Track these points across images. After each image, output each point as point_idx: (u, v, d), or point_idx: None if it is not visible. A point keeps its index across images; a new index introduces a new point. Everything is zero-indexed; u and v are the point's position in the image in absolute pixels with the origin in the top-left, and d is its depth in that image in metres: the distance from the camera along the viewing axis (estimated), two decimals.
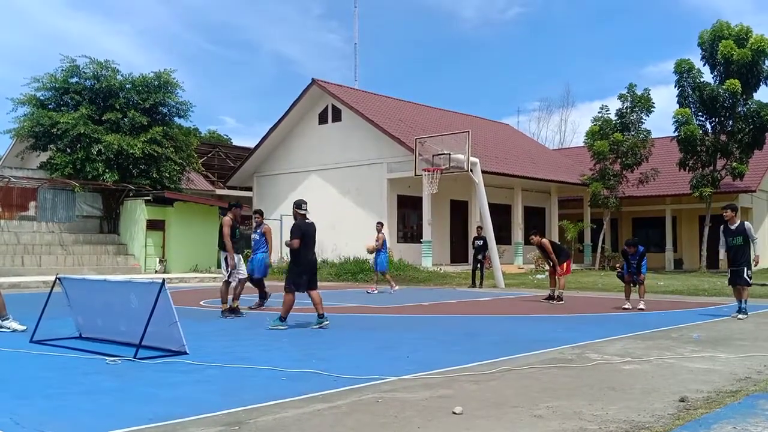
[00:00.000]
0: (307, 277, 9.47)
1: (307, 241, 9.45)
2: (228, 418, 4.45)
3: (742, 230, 10.98)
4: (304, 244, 9.38)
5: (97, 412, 4.65)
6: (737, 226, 11.01)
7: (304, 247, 9.38)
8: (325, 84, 28.51)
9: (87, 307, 8.09)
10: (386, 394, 5.22)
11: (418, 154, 22.86)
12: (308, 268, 9.49)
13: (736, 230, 11.00)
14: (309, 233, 9.52)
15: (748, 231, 10.98)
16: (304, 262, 9.44)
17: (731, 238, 11.01)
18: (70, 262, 23.43)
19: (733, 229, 11.01)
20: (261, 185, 31.10)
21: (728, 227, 11.06)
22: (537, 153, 35.10)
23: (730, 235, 11.03)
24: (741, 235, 10.94)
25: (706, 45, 26.97)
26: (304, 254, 9.42)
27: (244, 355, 7.00)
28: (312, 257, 9.55)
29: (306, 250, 9.43)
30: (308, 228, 9.54)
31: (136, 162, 25.99)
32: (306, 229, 9.48)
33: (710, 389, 5.42)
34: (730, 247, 11.06)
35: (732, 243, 11.00)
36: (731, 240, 11.01)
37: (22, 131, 25.85)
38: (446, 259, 27.89)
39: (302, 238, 9.34)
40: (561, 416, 4.54)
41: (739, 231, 10.98)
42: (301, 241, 9.32)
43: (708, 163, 27.71)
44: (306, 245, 9.41)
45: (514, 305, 14.31)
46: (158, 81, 26.72)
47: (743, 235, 10.93)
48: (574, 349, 7.55)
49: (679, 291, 17.38)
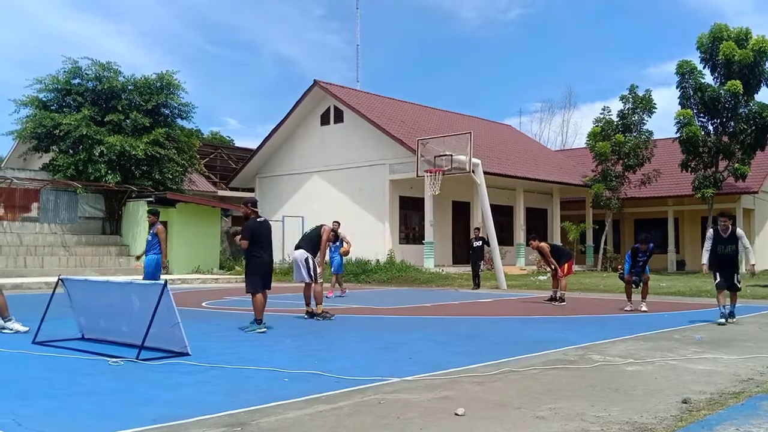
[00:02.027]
0: (261, 277, 9.14)
1: (259, 240, 9.15)
2: (230, 419, 4.45)
3: (735, 238, 10.58)
4: (257, 244, 9.11)
5: (99, 413, 4.65)
6: (730, 233, 10.61)
7: (257, 248, 9.11)
8: (327, 85, 28.53)
9: (89, 308, 8.10)
10: (388, 395, 5.22)
11: (420, 155, 22.87)
12: (262, 269, 9.16)
13: (729, 237, 10.58)
14: (260, 233, 9.21)
15: (741, 239, 10.61)
16: (258, 262, 9.13)
17: (723, 246, 10.60)
18: (72, 263, 23.46)
19: (726, 236, 10.60)
20: (263, 186, 31.13)
21: (720, 234, 10.65)
22: (539, 154, 35.09)
23: (722, 243, 10.62)
24: (733, 243, 10.56)
25: (705, 47, 26.94)
26: (257, 255, 9.12)
27: (246, 356, 7.00)
28: (266, 257, 9.23)
29: (259, 251, 9.14)
30: (259, 227, 9.24)
31: (139, 163, 26.03)
32: (256, 228, 9.19)
33: (713, 390, 5.41)
34: (720, 255, 10.62)
35: (724, 251, 10.58)
36: (723, 248, 10.60)
37: (25, 133, 25.89)
38: (448, 260, 27.89)
39: (252, 238, 9.07)
40: (563, 417, 4.54)
41: (732, 239, 10.57)
42: (251, 241, 9.06)
43: (710, 164, 27.67)
44: (259, 245, 9.13)
45: (516, 306, 14.30)
46: (160, 82, 26.77)
47: (737, 243, 10.57)
48: (577, 351, 7.54)
49: (682, 292, 17.35)
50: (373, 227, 26.06)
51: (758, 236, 32.21)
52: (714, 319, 10.62)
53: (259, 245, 9.14)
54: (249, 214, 9.39)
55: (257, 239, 9.15)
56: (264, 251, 9.21)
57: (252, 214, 9.35)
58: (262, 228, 9.30)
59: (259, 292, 9.10)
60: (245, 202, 9.57)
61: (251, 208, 9.41)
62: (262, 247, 9.20)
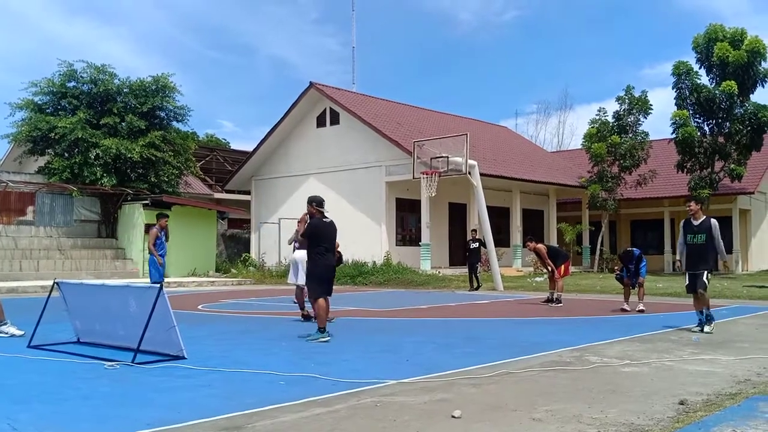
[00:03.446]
0: (326, 282, 8.69)
1: (324, 240, 8.62)
2: (226, 423, 4.44)
3: (707, 227, 9.41)
4: (322, 243, 8.59)
5: (95, 417, 4.63)
6: (701, 222, 9.48)
7: (322, 248, 8.60)
8: (323, 87, 28.52)
9: (85, 312, 8.07)
10: (385, 397, 5.21)
11: (416, 157, 22.87)
12: (327, 272, 8.70)
13: (699, 227, 9.44)
14: (326, 232, 8.68)
15: (713, 229, 9.41)
16: (322, 263, 8.63)
17: (692, 235, 9.48)
18: (68, 267, 23.40)
19: (697, 225, 9.48)
20: (259, 189, 31.09)
21: (690, 222, 9.56)
22: (535, 155, 35.12)
23: (691, 232, 9.49)
24: (705, 232, 9.38)
25: (700, 48, 27.02)
26: (322, 254, 8.62)
27: (242, 360, 6.98)
28: (332, 259, 8.77)
29: (324, 251, 8.61)
30: (325, 227, 8.70)
31: (134, 166, 26.00)
32: (321, 227, 8.67)
33: (710, 392, 5.42)
34: (689, 245, 9.52)
35: (692, 240, 9.46)
36: (691, 237, 9.48)
37: (20, 136, 25.83)
38: (445, 262, 27.88)
39: (315, 237, 8.61)
40: (560, 419, 4.53)
41: (703, 228, 9.42)
42: (316, 241, 8.60)
43: (706, 164, 27.73)
44: (324, 246, 8.61)
45: (512, 308, 14.30)
46: (156, 85, 26.74)
47: (707, 233, 9.37)
48: (573, 352, 7.54)
49: (678, 293, 17.36)
50: (370, 229, 26.04)
51: (755, 237, 32.29)
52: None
53: (324, 245, 8.62)
54: (314, 214, 8.91)
55: (322, 238, 8.62)
56: (330, 252, 8.72)
57: (317, 214, 8.87)
58: (329, 228, 8.77)
59: (322, 297, 8.64)
60: (310, 201, 9.00)
61: (316, 207, 8.90)
62: (327, 248, 8.67)
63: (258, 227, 30.19)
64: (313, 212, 8.91)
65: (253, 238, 30.77)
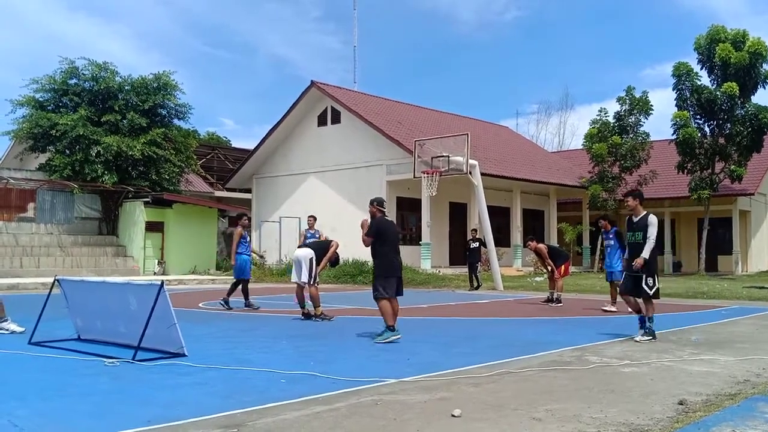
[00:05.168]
0: (395, 281, 8.51)
1: (389, 240, 8.53)
2: (227, 421, 4.44)
3: (644, 225, 8.52)
4: (386, 244, 8.49)
5: (95, 414, 4.64)
6: (640, 219, 8.64)
7: (387, 248, 8.50)
8: (324, 86, 28.53)
9: (85, 309, 8.08)
10: (385, 396, 5.22)
11: (417, 157, 22.87)
12: (396, 272, 8.53)
13: (638, 224, 8.63)
14: (389, 232, 8.60)
15: (650, 226, 8.46)
16: (390, 263, 8.49)
17: (630, 233, 8.72)
18: (68, 264, 23.42)
19: (636, 221, 8.68)
20: (260, 187, 31.10)
21: (631, 220, 8.78)
22: (536, 155, 35.13)
23: (630, 230, 8.73)
24: (642, 230, 8.51)
25: (702, 49, 27.04)
26: (388, 255, 8.51)
27: (243, 357, 6.99)
28: (399, 259, 8.64)
29: (390, 251, 8.52)
30: (388, 226, 8.66)
31: (135, 164, 26.00)
32: (384, 226, 8.60)
33: (709, 392, 5.42)
34: (629, 243, 8.77)
35: (631, 239, 8.69)
36: (630, 236, 8.72)
37: (21, 133, 25.84)
38: (445, 261, 27.90)
39: (379, 236, 8.47)
40: (560, 419, 4.54)
41: (641, 225, 8.58)
42: (381, 241, 8.47)
43: (706, 165, 27.74)
44: (389, 246, 8.51)
45: (512, 308, 14.31)
46: (157, 83, 26.74)
47: (644, 231, 8.48)
48: (573, 352, 7.55)
49: (678, 294, 17.38)
50: None
51: (754, 238, 32.29)
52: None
53: (389, 246, 8.52)
54: (375, 214, 8.83)
55: (386, 238, 8.52)
56: (396, 253, 8.59)
57: (379, 214, 8.79)
58: (392, 227, 8.73)
59: (390, 297, 8.43)
60: (372, 201, 8.96)
61: (377, 207, 8.83)
62: (393, 248, 8.56)
63: (259, 225, 30.21)
64: (375, 212, 8.83)
65: (253, 237, 30.79)
